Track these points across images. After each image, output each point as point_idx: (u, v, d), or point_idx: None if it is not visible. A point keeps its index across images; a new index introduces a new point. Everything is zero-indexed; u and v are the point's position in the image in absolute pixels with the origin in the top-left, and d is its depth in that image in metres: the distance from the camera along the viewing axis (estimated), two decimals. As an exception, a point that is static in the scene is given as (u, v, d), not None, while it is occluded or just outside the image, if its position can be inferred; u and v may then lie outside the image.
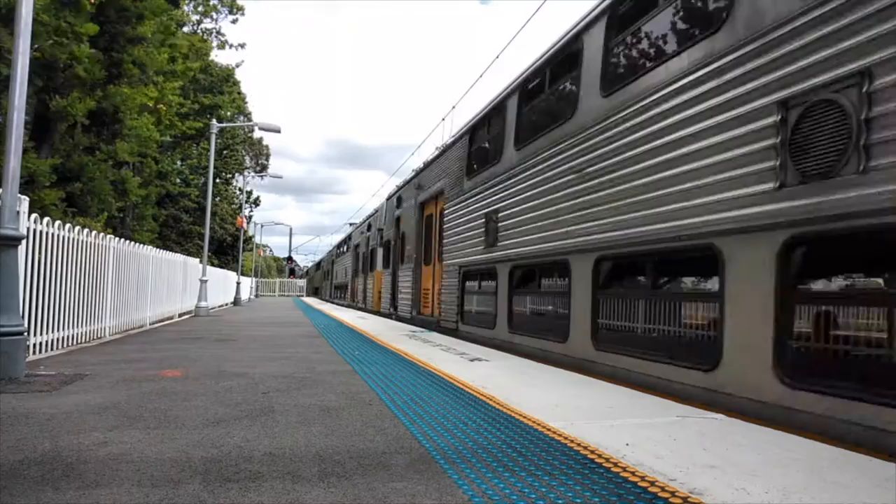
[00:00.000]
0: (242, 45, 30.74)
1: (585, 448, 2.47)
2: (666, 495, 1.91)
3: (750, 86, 3.59)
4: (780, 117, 3.36)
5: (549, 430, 2.78)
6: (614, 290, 5.26)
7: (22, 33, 4.23)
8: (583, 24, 5.74)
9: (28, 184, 10.85)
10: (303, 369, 4.75)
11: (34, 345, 5.28)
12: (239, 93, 32.51)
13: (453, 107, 18.27)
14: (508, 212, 7.16)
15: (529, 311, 6.98)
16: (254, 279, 40.38)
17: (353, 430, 2.74)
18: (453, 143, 9.93)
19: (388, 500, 1.87)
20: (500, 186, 7.45)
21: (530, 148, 6.71)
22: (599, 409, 3.30)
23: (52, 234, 5.58)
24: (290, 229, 66.85)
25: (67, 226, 6.01)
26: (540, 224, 6.28)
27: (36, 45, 10.39)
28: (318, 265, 50.47)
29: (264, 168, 43.73)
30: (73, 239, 6.11)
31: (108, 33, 13.25)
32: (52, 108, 11.94)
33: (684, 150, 4.11)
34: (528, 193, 6.62)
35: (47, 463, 2.17)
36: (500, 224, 7.39)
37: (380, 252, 15.98)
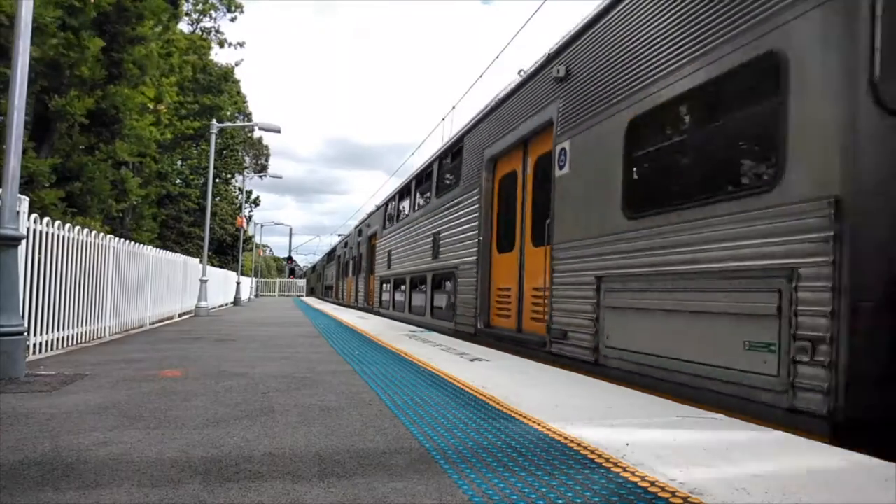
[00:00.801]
0: (241, 44, 30.78)
1: (585, 448, 2.47)
2: (666, 495, 1.91)
3: (428, 224, 10.82)
4: (432, 239, 10.28)
5: (548, 430, 2.78)
6: (415, 289, 11.91)
7: (22, 34, 4.23)
8: (411, 178, 13.16)
9: (28, 184, 10.85)
10: (303, 369, 4.75)
11: (34, 345, 5.28)
12: (238, 92, 32.51)
13: (453, 107, 18.36)
14: (395, 252, 13.89)
15: (402, 300, 13.08)
16: (254, 279, 40.37)
17: (353, 430, 2.75)
18: (379, 207, 17.23)
19: (388, 499, 1.87)
20: (392, 238, 14.39)
21: (401, 223, 13.58)
22: (599, 409, 3.29)
23: (52, 234, 5.58)
24: (290, 229, 66.84)
25: (67, 226, 6.01)
26: (401, 261, 13.11)
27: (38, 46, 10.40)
28: (313, 268, 52.98)
29: (264, 168, 43.75)
30: (73, 239, 6.11)
31: (108, 33, 13.25)
32: (51, 107, 11.94)
33: (418, 243, 11.36)
34: (398, 245, 13.54)
35: (47, 463, 2.17)
36: (392, 257, 14.20)
37: (351, 264, 23.35)
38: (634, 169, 4.77)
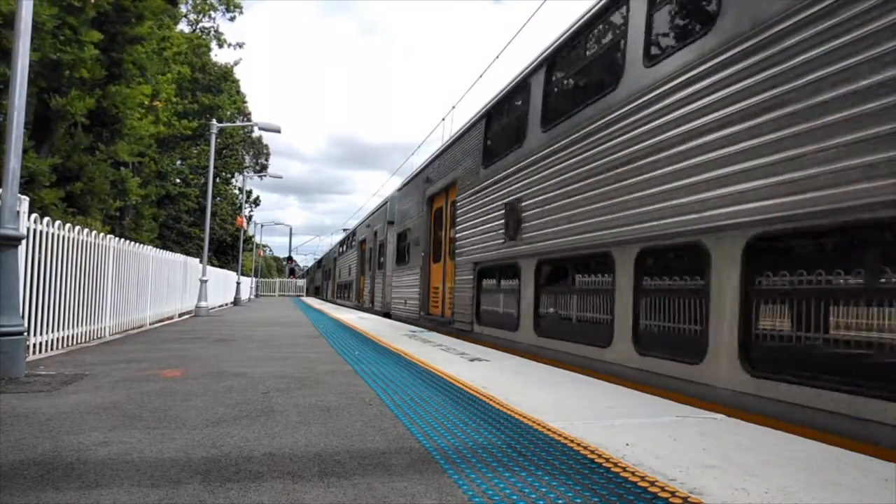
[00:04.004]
0: (241, 45, 30.85)
1: (585, 448, 2.47)
2: (666, 495, 1.91)
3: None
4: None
5: (549, 430, 2.78)
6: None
7: (22, 34, 4.23)
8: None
9: (28, 184, 10.84)
10: (303, 369, 4.75)
11: (34, 345, 5.28)
12: (238, 91, 32.49)
13: (453, 107, 18.43)
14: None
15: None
16: (254, 279, 40.36)
17: (353, 430, 2.75)
18: (349, 234, 22.73)
19: (388, 500, 1.87)
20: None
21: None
22: (599, 409, 3.30)
23: (52, 234, 5.58)
24: (290, 229, 66.84)
25: (67, 226, 6.01)
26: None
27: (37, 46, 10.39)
28: (311, 269, 54.78)
29: (264, 168, 43.74)
30: (73, 239, 6.11)
31: (107, 33, 13.24)
32: (51, 107, 11.93)
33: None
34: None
35: (47, 463, 2.17)
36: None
37: (339, 267, 28.07)
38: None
